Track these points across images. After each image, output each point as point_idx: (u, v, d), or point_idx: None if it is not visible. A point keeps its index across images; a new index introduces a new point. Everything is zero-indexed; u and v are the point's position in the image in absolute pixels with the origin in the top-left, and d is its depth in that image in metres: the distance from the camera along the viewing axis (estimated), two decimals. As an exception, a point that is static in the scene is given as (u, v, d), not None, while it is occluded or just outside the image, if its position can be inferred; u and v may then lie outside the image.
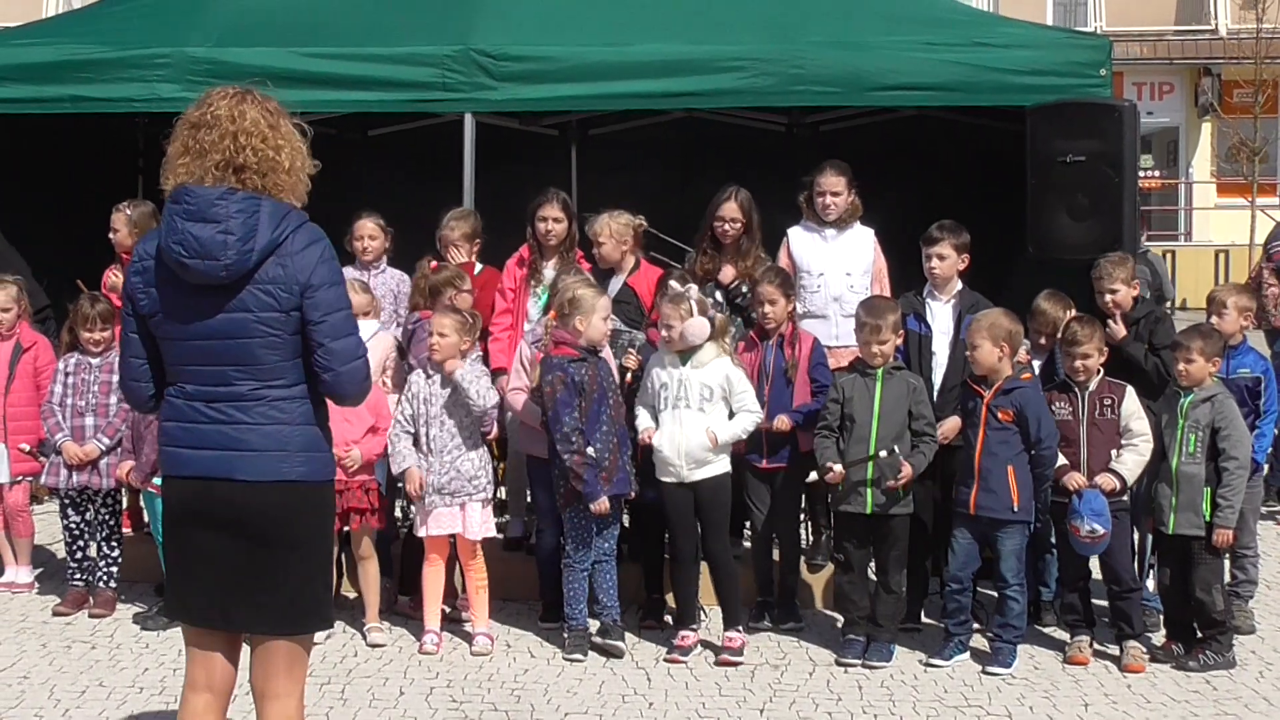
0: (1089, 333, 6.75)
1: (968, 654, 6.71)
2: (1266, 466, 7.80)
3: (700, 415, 6.75)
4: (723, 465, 6.82)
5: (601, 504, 6.64)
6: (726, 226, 7.69)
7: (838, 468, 6.69)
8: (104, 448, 7.41)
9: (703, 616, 7.06)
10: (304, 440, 4.23)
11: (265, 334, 4.14)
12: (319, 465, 4.30)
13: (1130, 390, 6.72)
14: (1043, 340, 7.21)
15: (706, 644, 6.88)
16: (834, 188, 7.70)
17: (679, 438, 6.75)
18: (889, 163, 9.27)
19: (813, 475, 6.90)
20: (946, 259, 7.28)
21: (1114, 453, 6.64)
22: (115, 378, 7.45)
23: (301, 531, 4.26)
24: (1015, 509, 6.57)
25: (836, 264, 7.71)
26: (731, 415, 6.81)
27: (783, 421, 6.99)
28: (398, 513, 7.97)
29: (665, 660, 6.69)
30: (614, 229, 7.63)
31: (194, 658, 4.39)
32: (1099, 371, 6.75)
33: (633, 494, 6.87)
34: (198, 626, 4.36)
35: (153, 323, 4.24)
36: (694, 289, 6.90)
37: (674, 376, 6.80)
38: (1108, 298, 7.14)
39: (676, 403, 6.76)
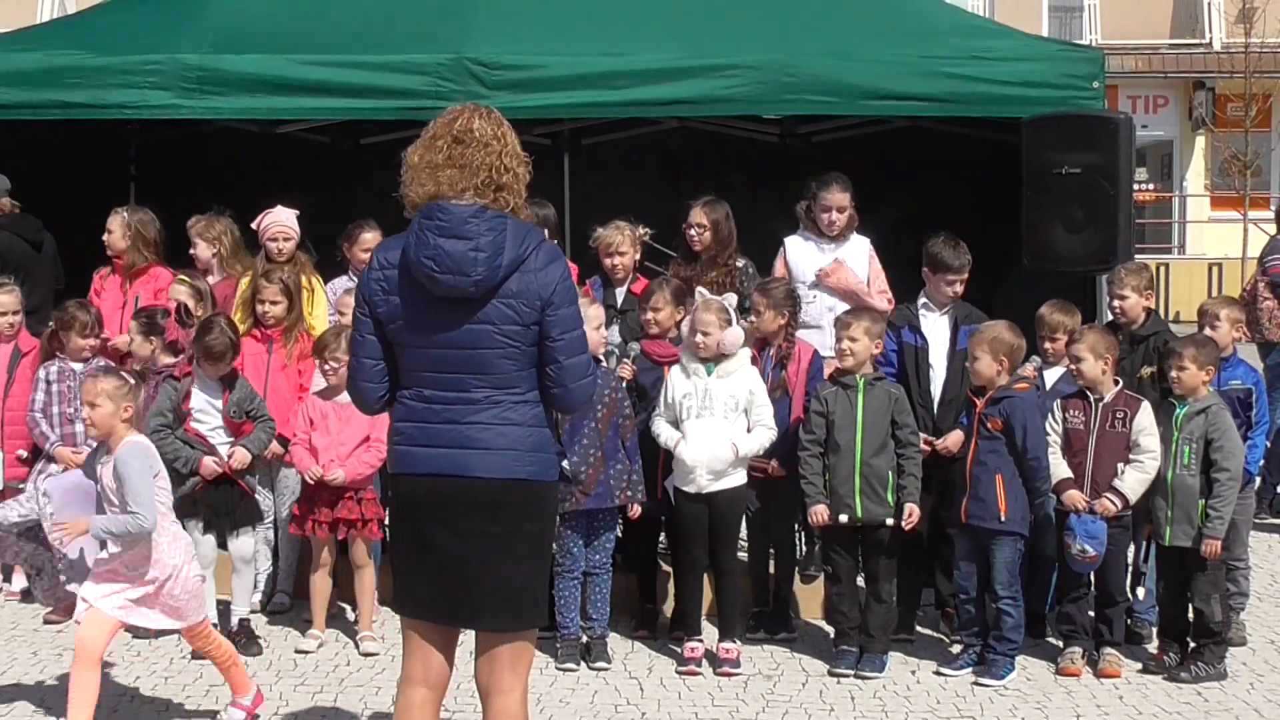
0: (1081, 335, 6.75)
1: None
2: (1258, 479, 7.80)
3: (725, 425, 6.70)
4: (740, 478, 6.78)
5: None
6: (693, 232, 7.70)
7: (822, 511, 6.69)
8: None
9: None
10: (534, 441, 4.44)
11: (505, 345, 4.36)
12: (546, 465, 4.50)
13: (1146, 406, 6.64)
14: (1048, 347, 7.18)
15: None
16: (840, 204, 7.68)
17: (702, 448, 6.68)
18: (882, 174, 9.24)
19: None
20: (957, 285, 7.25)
21: (1120, 467, 6.62)
22: None
23: (526, 528, 4.46)
24: (1003, 519, 6.55)
25: None
26: (749, 428, 6.77)
27: (776, 469, 6.98)
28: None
29: (679, 673, 6.64)
30: (632, 238, 7.61)
31: (412, 653, 4.56)
32: (1117, 383, 6.70)
33: (636, 509, 6.80)
34: (422, 620, 4.51)
35: (391, 329, 4.42)
36: (732, 297, 6.88)
37: (698, 386, 6.72)
38: (1115, 303, 7.14)
39: (701, 412, 6.70)
